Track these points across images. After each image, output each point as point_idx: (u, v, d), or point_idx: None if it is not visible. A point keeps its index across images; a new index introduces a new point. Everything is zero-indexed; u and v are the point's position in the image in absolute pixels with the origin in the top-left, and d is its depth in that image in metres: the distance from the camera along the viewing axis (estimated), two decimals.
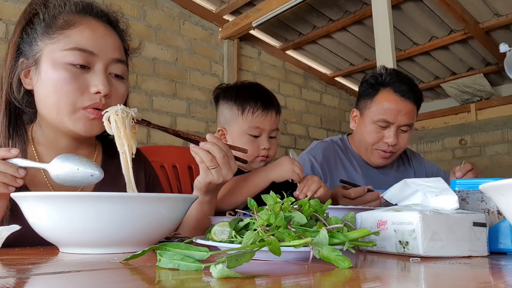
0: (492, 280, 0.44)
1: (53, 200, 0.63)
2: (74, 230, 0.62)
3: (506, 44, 2.40)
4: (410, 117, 1.59)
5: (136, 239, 0.66)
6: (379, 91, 1.60)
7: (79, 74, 0.85)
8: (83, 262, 0.55)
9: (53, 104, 0.86)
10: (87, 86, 0.86)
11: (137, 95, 3.07)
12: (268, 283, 0.41)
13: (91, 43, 0.86)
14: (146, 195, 0.68)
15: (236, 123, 1.33)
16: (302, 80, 4.27)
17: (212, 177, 0.94)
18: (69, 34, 0.86)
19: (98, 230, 0.62)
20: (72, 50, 0.84)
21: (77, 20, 0.87)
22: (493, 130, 4.27)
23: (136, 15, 3.12)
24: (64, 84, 0.84)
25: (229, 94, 1.38)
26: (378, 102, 1.60)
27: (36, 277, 0.46)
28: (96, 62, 0.87)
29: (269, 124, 1.33)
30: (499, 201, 0.51)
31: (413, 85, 1.62)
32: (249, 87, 1.41)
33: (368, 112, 1.63)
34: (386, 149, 1.61)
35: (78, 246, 0.65)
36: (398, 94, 1.57)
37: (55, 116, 0.87)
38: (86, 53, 0.85)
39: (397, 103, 1.56)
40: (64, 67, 0.84)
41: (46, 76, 0.85)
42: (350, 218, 0.63)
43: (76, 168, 0.73)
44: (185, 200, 0.73)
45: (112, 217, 0.62)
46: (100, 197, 0.63)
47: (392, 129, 1.58)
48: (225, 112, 1.37)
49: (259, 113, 1.32)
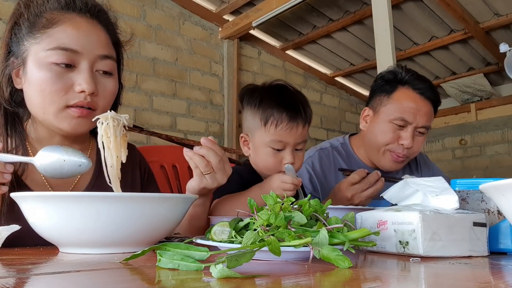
0: (492, 280, 0.44)
1: (53, 200, 0.63)
2: (74, 230, 0.62)
3: (506, 44, 2.40)
4: (429, 118, 1.48)
5: (136, 239, 0.66)
6: (397, 88, 1.49)
7: (63, 74, 0.84)
8: (83, 262, 0.55)
9: (39, 104, 0.86)
10: (71, 85, 0.85)
11: (137, 95, 3.07)
12: (268, 283, 0.41)
13: (74, 41, 0.85)
14: (146, 195, 0.68)
15: (259, 133, 1.19)
16: (302, 80, 4.28)
17: (207, 182, 0.92)
18: (52, 33, 0.84)
19: (98, 230, 0.62)
20: (55, 50, 0.83)
21: (60, 18, 0.86)
22: (493, 130, 4.27)
23: (136, 15, 3.12)
24: (48, 84, 0.83)
25: (253, 99, 1.22)
26: (396, 99, 1.48)
27: (36, 277, 0.46)
28: (80, 60, 0.85)
29: (294, 138, 1.18)
30: (499, 201, 0.51)
31: (432, 85, 1.52)
32: (275, 92, 1.23)
33: (383, 109, 1.50)
34: (400, 152, 1.47)
35: (78, 246, 0.65)
36: (417, 92, 1.46)
37: (42, 115, 0.87)
38: (69, 51, 0.84)
39: (417, 102, 1.46)
40: (48, 67, 0.83)
41: (31, 76, 0.85)
42: (350, 218, 0.63)
43: (63, 160, 0.71)
44: (185, 200, 0.73)
45: (112, 217, 0.62)
46: (100, 197, 0.63)
47: (409, 129, 1.45)
48: (248, 119, 1.23)
49: (284, 126, 1.16)
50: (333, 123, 4.51)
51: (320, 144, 1.68)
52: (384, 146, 1.49)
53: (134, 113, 3.05)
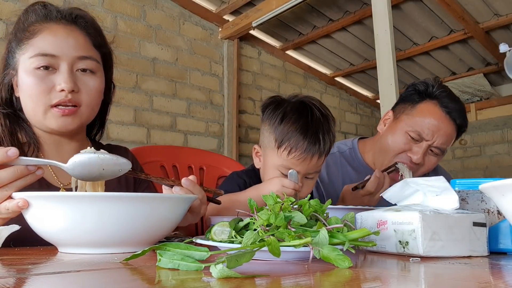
0: (492, 280, 0.44)
1: (52, 200, 0.62)
2: (73, 230, 0.62)
3: (506, 44, 2.40)
4: (447, 140, 1.41)
5: (135, 239, 0.66)
6: (424, 100, 1.43)
7: (45, 76, 0.91)
8: (83, 262, 0.55)
9: (30, 108, 0.94)
10: (53, 86, 0.92)
11: (137, 95, 3.07)
12: (268, 283, 0.41)
13: (52, 46, 0.92)
14: (146, 195, 0.68)
15: (270, 153, 1.14)
16: (302, 80, 4.27)
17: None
18: (34, 42, 0.93)
19: (97, 230, 0.62)
20: (36, 56, 0.91)
21: (40, 28, 0.94)
22: (493, 130, 4.27)
23: (136, 15, 3.12)
24: (33, 88, 0.91)
25: (274, 115, 1.14)
26: (419, 111, 1.41)
27: (36, 277, 0.46)
28: (60, 63, 0.92)
29: (306, 169, 1.11)
30: (499, 201, 0.51)
31: (462, 108, 1.44)
32: (298, 114, 1.12)
33: (404, 118, 1.44)
34: (407, 163, 1.40)
35: (77, 246, 0.65)
36: (444, 111, 1.39)
37: (34, 118, 0.95)
38: (48, 56, 0.91)
39: (439, 120, 1.38)
40: (32, 73, 0.91)
41: (22, 84, 0.93)
42: (350, 218, 0.63)
43: (102, 169, 0.69)
44: (184, 200, 0.73)
45: (111, 217, 0.62)
46: (100, 197, 0.63)
47: (423, 145, 1.39)
48: (265, 134, 1.16)
49: (297, 155, 1.09)
50: None
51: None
52: (393, 155, 1.43)
53: (134, 113, 3.05)
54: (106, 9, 2.94)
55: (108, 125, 0.97)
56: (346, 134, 4.45)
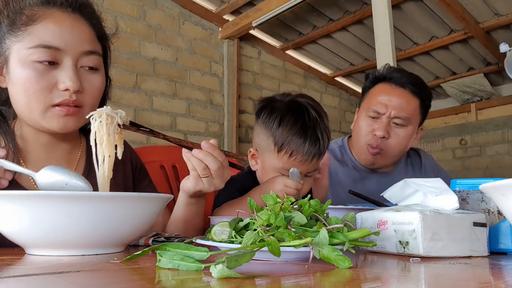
0: (492, 280, 0.44)
1: (19, 199, 0.59)
2: (33, 230, 0.60)
3: (506, 44, 2.40)
4: (405, 108, 1.44)
5: (100, 240, 0.63)
6: (376, 84, 1.52)
7: (46, 72, 0.82)
8: (84, 262, 0.55)
9: (24, 104, 0.83)
10: (55, 83, 0.82)
11: (137, 95, 3.07)
12: (268, 283, 0.41)
13: (57, 38, 0.82)
14: (107, 194, 0.63)
15: (270, 156, 1.14)
16: (302, 80, 4.28)
17: (203, 186, 0.89)
18: (33, 30, 0.81)
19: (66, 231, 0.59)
20: (37, 48, 0.81)
21: (41, 14, 0.82)
22: (493, 130, 4.27)
23: (136, 15, 3.12)
24: (32, 83, 0.81)
25: (271, 119, 1.13)
26: (372, 94, 1.51)
27: (37, 277, 0.46)
28: (64, 57, 0.83)
29: (306, 169, 1.13)
30: (500, 201, 0.51)
31: (414, 78, 1.50)
32: (295, 117, 1.12)
33: (362, 106, 1.54)
34: (373, 142, 1.46)
35: (42, 247, 0.62)
36: (392, 84, 1.47)
37: (28, 115, 0.85)
38: (52, 49, 0.81)
39: (390, 93, 1.46)
40: (31, 65, 0.81)
41: (15, 75, 0.82)
42: (350, 218, 0.63)
43: (65, 183, 0.70)
44: (151, 200, 0.68)
45: (71, 217, 0.59)
46: (57, 196, 0.59)
47: (382, 120, 1.45)
48: (261, 137, 1.16)
49: (298, 158, 1.10)
50: (333, 123, 4.51)
51: None
52: (364, 141, 1.49)
53: (134, 113, 3.05)
54: (106, 9, 2.94)
55: None
56: (346, 134, 4.44)
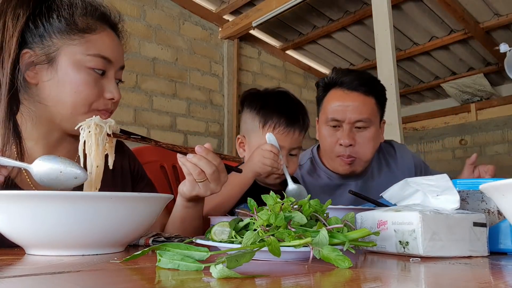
0: (492, 281, 0.44)
1: (19, 199, 0.59)
2: (40, 231, 0.60)
3: (506, 44, 2.40)
4: (363, 111, 1.41)
5: (99, 240, 0.63)
6: (328, 91, 1.48)
7: (98, 80, 0.89)
8: (84, 263, 0.55)
9: (70, 104, 0.87)
10: (102, 91, 0.90)
11: (137, 95, 3.07)
12: (268, 283, 0.41)
13: (110, 51, 0.91)
14: (104, 194, 0.62)
15: (256, 135, 1.26)
16: (302, 80, 4.28)
17: (199, 190, 0.89)
18: (91, 39, 0.88)
19: (57, 230, 0.59)
20: (96, 57, 0.88)
21: (97, 27, 0.90)
22: (493, 130, 4.27)
23: (136, 15, 3.12)
24: (86, 87, 0.87)
25: (254, 103, 1.29)
26: (326, 102, 1.47)
27: (36, 277, 0.46)
28: (110, 69, 0.92)
29: (290, 143, 1.25)
30: (500, 201, 0.51)
31: (362, 76, 1.47)
32: (277, 98, 1.30)
33: (320, 116, 1.50)
34: (343, 152, 1.42)
35: (45, 247, 0.62)
36: (344, 88, 1.43)
37: (68, 114, 0.88)
38: (107, 60, 0.90)
39: (344, 98, 1.42)
40: (86, 71, 0.87)
41: (66, 76, 0.86)
42: (350, 218, 0.63)
43: (59, 171, 0.70)
44: (150, 200, 0.68)
45: (69, 217, 0.58)
46: (56, 196, 0.59)
47: (344, 127, 1.41)
48: (248, 122, 1.30)
49: (281, 130, 1.23)
50: None
51: None
52: (334, 153, 1.45)
53: (134, 113, 3.05)
54: None
55: None
56: None
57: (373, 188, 1.52)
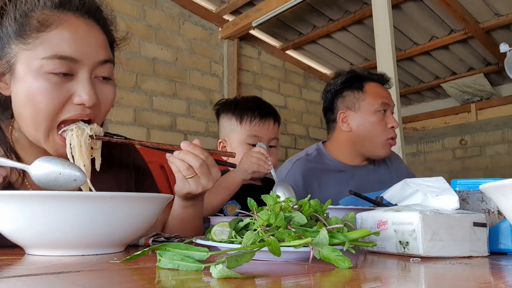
0: (493, 281, 0.44)
1: (19, 199, 0.59)
2: (40, 231, 0.60)
3: (507, 44, 2.40)
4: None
5: (98, 240, 0.63)
6: (365, 82, 1.61)
7: (61, 84, 0.75)
8: (84, 262, 0.55)
9: (31, 119, 0.76)
10: (70, 96, 0.76)
11: (137, 95, 3.07)
12: (268, 283, 0.41)
13: (73, 47, 0.75)
14: (102, 194, 0.61)
15: (235, 133, 1.40)
16: (302, 80, 4.27)
17: (190, 187, 0.86)
18: (46, 38, 0.74)
19: (64, 231, 0.59)
20: (52, 59, 0.73)
21: (54, 19, 0.75)
22: (493, 130, 4.27)
23: (136, 15, 3.12)
24: (44, 96, 0.74)
25: (228, 107, 1.46)
26: (370, 91, 1.59)
27: (36, 277, 0.46)
28: (79, 68, 0.76)
29: (267, 133, 1.40)
30: (500, 201, 0.51)
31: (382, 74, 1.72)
32: (247, 100, 1.49)
33: (363, 104, 1.58)
34: (394, 134, 1.58)
35: (45, 247, 0.62)
36: (377, 82, 1.64)
37: (31, 131, 0.78)
38: (68, 60, 0.74)
39: (383, 88, 1.64)
40: (44, 77, 0.74)
41: (23, 86, 0.75)
42: (350, 218, 0.63)
43: (59, 172, 0.68)
44: (149, 199, 0.68)
45: (67, 217, 0.58)
46: (52, 196, 0.59)
47: (389, 112, 1.60)
48: (225, 125, 1.44)
49: (257, 121, 1.39)
50: None
51: (297, 155, 1.65)
52: (385, 136, 1.56)
53: (134, 113, 3.05)
54: None
55: (107, 125, 0.93)
56: None
57: (377, 175, 1.65)
